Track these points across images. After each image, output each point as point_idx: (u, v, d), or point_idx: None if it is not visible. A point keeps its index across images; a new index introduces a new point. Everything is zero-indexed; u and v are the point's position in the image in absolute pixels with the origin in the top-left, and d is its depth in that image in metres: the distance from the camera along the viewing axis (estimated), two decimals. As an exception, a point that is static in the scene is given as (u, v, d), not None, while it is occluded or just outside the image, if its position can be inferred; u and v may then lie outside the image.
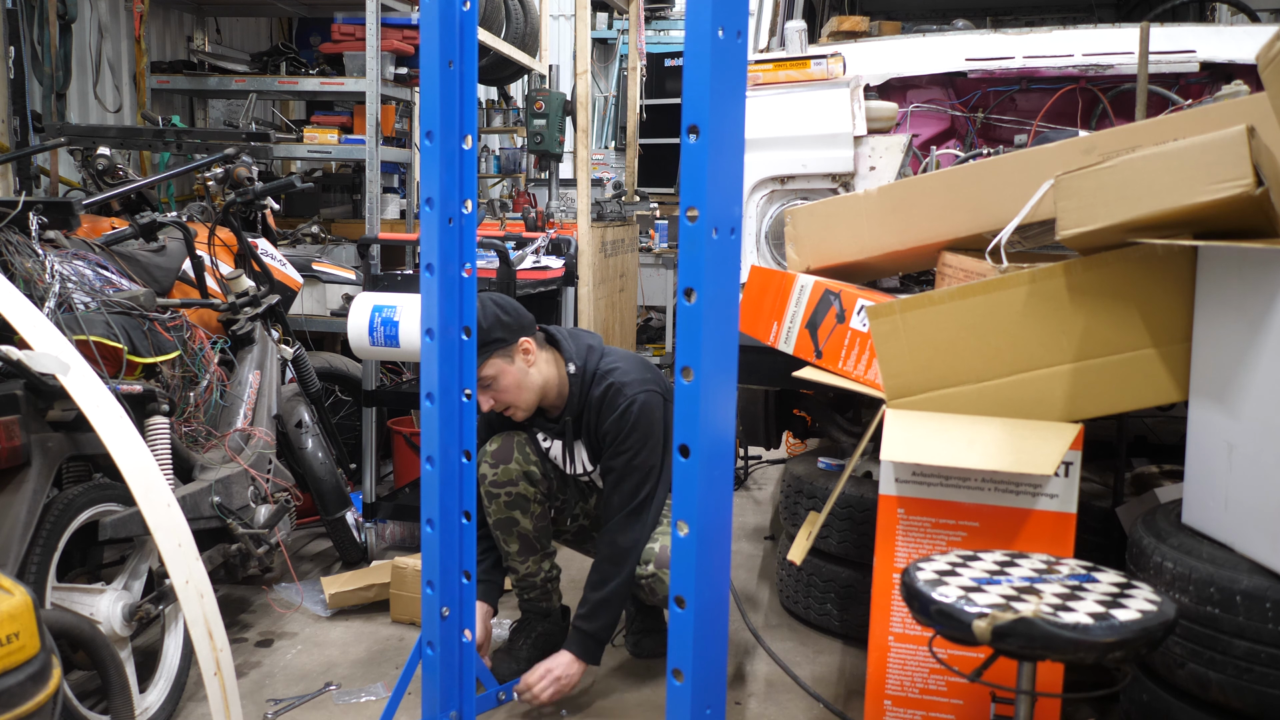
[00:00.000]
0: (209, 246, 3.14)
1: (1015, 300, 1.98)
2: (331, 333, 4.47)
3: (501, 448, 2.64)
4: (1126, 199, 1.84)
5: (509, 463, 2.62)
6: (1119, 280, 1.94)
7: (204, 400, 2.82)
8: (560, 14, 9.51)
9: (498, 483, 2.61)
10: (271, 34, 6.10)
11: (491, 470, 2.62)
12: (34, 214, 2.55)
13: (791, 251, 2.61)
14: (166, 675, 2.39)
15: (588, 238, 4.53)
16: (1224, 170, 1.72)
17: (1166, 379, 1.95)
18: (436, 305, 2.04)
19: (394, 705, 2.27)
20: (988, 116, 2.94)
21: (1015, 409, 1.99)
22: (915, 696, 2.06)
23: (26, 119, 3.97)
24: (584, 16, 4.74)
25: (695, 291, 1.54)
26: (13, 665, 1.28)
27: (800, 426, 3.79)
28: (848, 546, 2.82)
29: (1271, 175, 1.75)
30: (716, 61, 1.50)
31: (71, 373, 2.00)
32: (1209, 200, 1.74)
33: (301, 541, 3.67)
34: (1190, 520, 1.92)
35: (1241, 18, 3.73)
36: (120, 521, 2.25)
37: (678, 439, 1.59)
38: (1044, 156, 2.25)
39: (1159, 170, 1.82)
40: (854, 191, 2.83)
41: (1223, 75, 2.78)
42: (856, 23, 3.37)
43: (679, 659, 1.59)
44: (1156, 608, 1.53)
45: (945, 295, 2.03)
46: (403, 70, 4.84)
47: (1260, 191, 1.70)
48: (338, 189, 5.83)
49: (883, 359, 2.06)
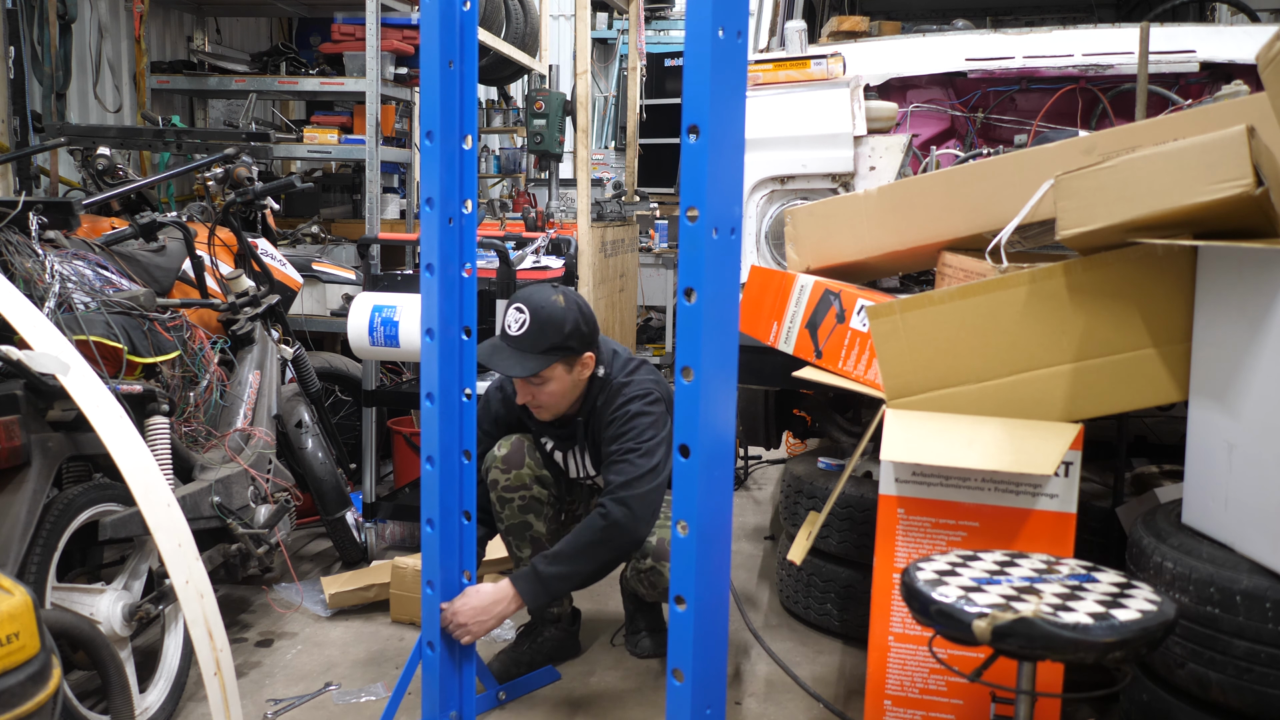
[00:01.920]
0: (209, 246, 3.14)
1: (1015, 300, 1.99)
2: (331, 333, 4.47)
3: (512, 452, 2.63)
4: (1126, 199, 1.84)
5: (520, 468, 2.62)
6: (1119, 280, 1.94)
7: (204, 400, 2.82)
8: (560, 14, 9.50)
9: (510, 487, 2.61)
10: (271, 34, 6.10)
11: (504, 475, 2.61)
12: (34, 214, 2.55)
13: (791, 251, 2.61)
14: (166, 675, 2.39)
15: (588, 238, 4.52)
16: (1224, 170, 1.72)
17: (1166, 379, 1.95)
18: (436, 305, 2.04)
19: (394, 705, 2.27)
20: (988, 116, 2.94)
21: (1015, 409, 2.00)
22: (915, 696, 2.06)
23: (26, 119, 3.97)
24: (584, 16, 4.73)
25: (695, 291, 1.54)
26: (13, 665, 1.28)
27: (800, 426, 3.79)
28: (848, 546, 2.82)
29: (1271, 175, 1.75)
30: (716, 61, 1.50)
31: (71, 373, 2.00)
32: (1209, 200, 1.74)
33: (301, 541, 3.67)
34: (1190, 520, 1.92)
35: (1241, 18, 3.73)
36: (120, 521, 2.25)
37: (678, 439, 1.59)
38: (1044, 156, 2.25)
39: (1159, 170, 1.81)
40: (854, 191, 2.83)
41: (1223, 75, 2.78)
42: (856, 23, 3.37)
43: (679, 659, 1.59)
44: (1156, 608, 1.53)
45: (945, 295, 2.03)
46: (403, 70, 4.84)
47: (1260, 191, 1.69)
48: (338, 189, 5.83)
49: (883, 359, 2.06)
